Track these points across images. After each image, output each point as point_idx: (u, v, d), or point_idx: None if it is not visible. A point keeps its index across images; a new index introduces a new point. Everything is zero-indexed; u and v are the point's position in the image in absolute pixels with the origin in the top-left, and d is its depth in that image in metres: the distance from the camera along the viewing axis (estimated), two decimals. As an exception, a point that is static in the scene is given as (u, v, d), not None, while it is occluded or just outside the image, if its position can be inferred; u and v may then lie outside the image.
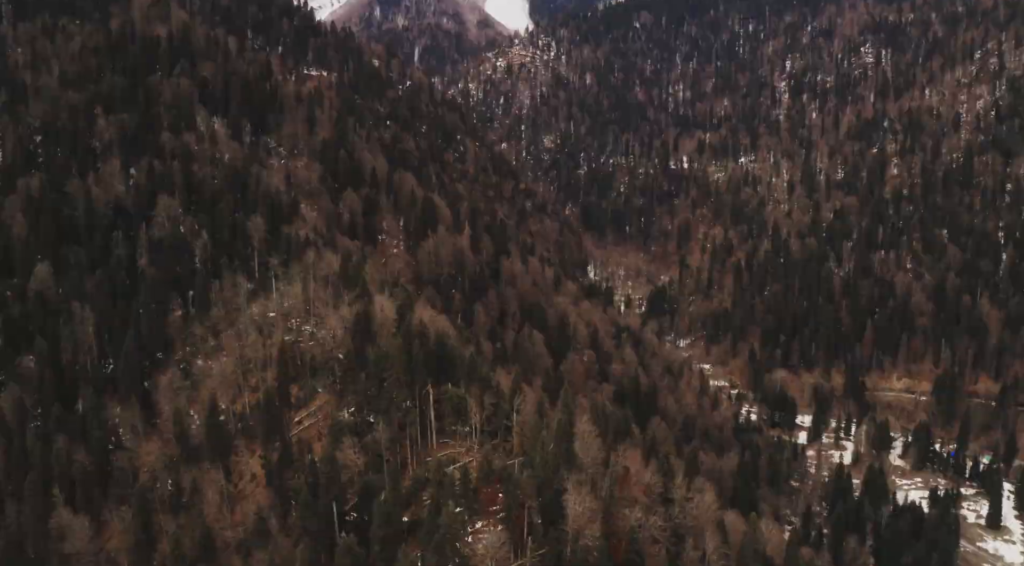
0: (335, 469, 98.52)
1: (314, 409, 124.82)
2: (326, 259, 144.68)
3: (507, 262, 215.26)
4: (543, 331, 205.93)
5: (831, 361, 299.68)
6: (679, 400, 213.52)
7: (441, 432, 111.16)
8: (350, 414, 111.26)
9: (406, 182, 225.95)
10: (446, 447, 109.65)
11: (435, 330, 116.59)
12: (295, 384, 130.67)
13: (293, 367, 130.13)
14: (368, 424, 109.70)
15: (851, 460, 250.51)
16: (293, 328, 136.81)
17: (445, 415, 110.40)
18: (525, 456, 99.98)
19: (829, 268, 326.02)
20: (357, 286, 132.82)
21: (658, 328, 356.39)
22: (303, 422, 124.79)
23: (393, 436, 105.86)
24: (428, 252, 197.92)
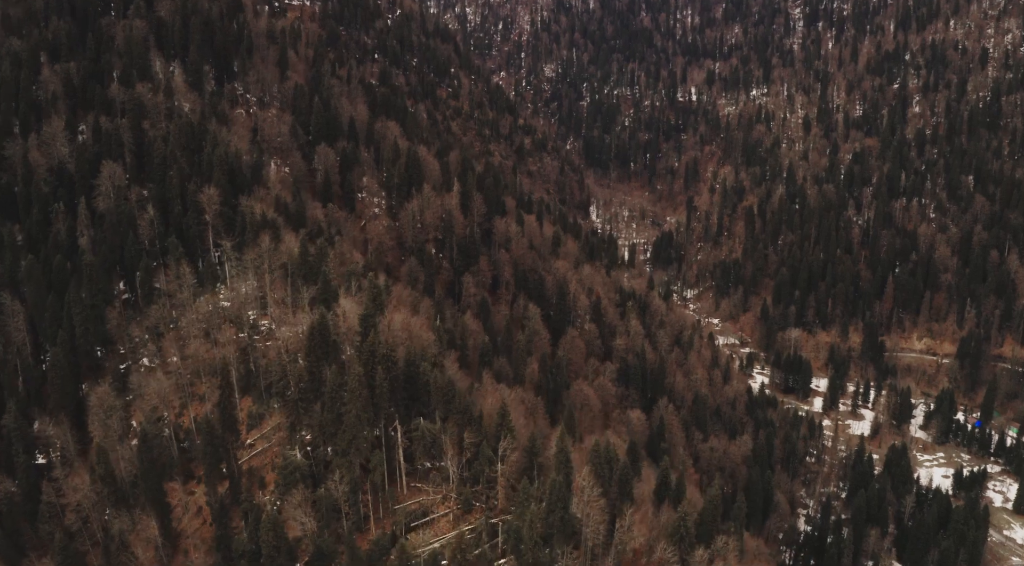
0: (281, 537, 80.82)
1: (268, 430, 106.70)
2: (285, 242, 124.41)
3: (500, 222, 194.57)
4: (540, 302, 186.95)
5: (848, 319, 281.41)
6: (689, 374, 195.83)
7: (413, 474, 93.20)
8: (304, 449, 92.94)
9: (389, 132, 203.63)
10: (417, 493, 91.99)
11: (406, 347, 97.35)
12: (248, 396, 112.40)
13: (246, 373, 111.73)
14: (325, 465, 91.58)
15: (869, 432, 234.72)
16: (249, 322, 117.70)
17: (417, 454, 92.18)
18: (511, 518, 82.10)
19: (848, 218, 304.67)
20: (318, 280, 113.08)
21: (665, 279, 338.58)
22: (256, 445, 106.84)
23: (354, 484, 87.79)
24: (412, 215, 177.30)
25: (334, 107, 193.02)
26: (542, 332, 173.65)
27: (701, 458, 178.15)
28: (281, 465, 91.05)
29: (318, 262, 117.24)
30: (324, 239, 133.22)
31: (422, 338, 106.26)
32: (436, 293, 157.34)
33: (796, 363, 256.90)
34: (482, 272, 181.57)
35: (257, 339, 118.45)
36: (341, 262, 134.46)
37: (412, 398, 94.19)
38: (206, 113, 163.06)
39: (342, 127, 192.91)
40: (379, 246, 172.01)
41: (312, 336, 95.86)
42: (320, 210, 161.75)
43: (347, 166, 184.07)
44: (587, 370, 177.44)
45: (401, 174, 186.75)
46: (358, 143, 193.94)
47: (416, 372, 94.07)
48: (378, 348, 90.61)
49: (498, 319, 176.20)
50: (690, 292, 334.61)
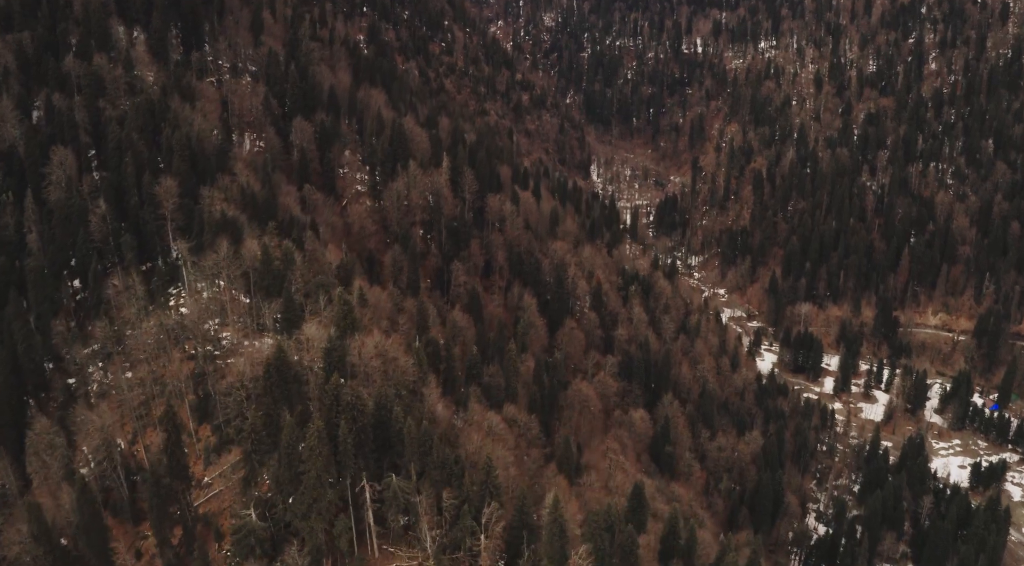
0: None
1: (228, 468, 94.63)
2: (248, 246, 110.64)
3: (494, 199, 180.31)
4: (536, 286, 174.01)
5: (861, 292, 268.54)
6: (696, 363, 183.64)
7: (385, 535, 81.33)
8: (262, 507, 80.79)
9: (373, 101, 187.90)
10: (390, 558, 79.98)
11: (377, 388, 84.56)
12: (207, 423, 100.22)
13: (205, 397, 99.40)
14: (285, 526, 79.62)
15: (883, 417, 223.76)
16: (209, 336, 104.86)
17: (388, 515, 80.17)
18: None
19: (862, 184, 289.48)
20: (280, 293, 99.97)
21: (669, 245, 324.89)
22: (214, 485, 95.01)
23: (316, 552, 75.97)
24: (396, 196, 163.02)
25: (312, 75, 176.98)
26: (538, 325, 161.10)
27: (708, 457, 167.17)
28: (233, 529, 79.06)
29: (283, 271, 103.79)
30: (293, 239, 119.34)
31: (399, 364, 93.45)
32: (420, 293, 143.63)
33: (807, 341, 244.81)
34: (473, 257, 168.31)
35: (218, 356, 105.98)
36: (313, 264, 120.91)
37: (383, 447, 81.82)
38: (168, 88, 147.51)
39: (321, 97, 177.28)
40: (360, 231, 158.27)
41: (269, 375, 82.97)
42: (294, 196, 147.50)
43: (326, 141, 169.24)
44: (587, 364, 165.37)
45: (385, 149, 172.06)
46: (339, 115, 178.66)
47: (388, 417, 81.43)
48: (343, 395, 77.79)
49: (491, 309, 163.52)
50: (695, 259, 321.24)
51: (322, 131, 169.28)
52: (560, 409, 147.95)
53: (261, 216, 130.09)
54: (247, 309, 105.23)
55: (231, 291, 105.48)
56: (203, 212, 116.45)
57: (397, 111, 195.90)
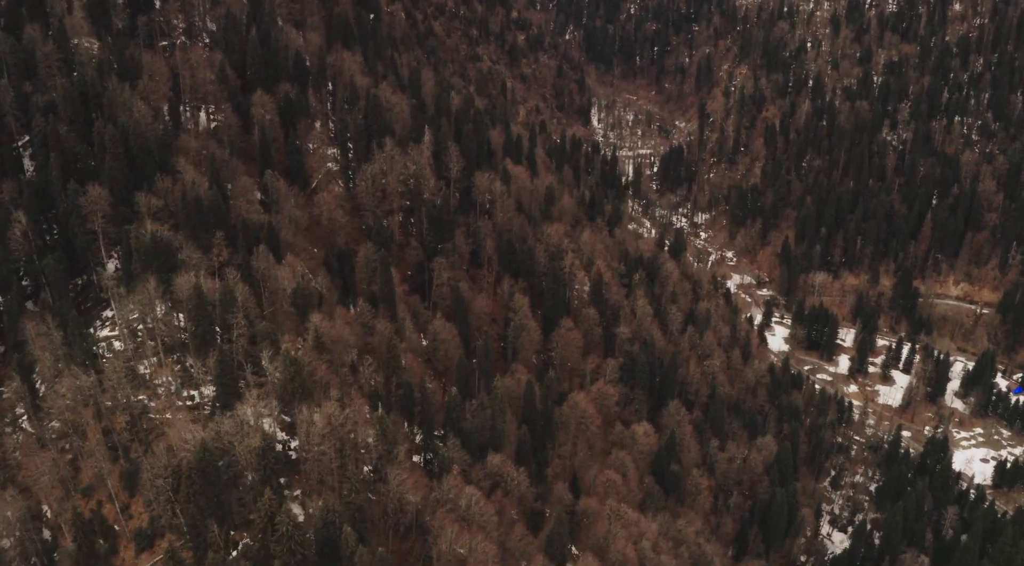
0: None
1: (162, 557, 79.54)
2: (181, 281, 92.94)
3: (482, 178, 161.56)
4: (529, 278, 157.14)
5: (879, 259, 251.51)
6: (705, 358, 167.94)
7: None
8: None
9: (346, 67, 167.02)
10: None
11: (325, 502, 68.62)
12: (139, 494, 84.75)
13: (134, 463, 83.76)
14: None
15: (901, 402, 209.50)
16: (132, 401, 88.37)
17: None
18: None
19: (882, 141, 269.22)
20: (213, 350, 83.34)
21: (674, 201, 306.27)
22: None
23: None
24: (370, 181, 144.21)
25: (276, 39, 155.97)
26: (530, 327, 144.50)
27: (717, 469, 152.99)
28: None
29: (223, 316, 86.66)
30: (239, 264, 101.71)
31: (358, 437, 77.40)
32: (394, 305, 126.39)
33: (821, 317, 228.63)
34: (459, 248, 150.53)
35: (153, 408, 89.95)
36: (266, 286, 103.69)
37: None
38: (106, 65, 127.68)
39: (286, 64, 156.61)
40: (330, 223, 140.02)
41: (191, 481, 66.89)
42: (252, 189, 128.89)
43: (291, 117, 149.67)
44: (585, 367, 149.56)
45: (358, 124, 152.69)
46: (306, 85, 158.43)
47: (334, 536, 65.69)
48: (280, 523, 61.89)
49: (479, 305, 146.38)
50: (702, 216, 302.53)
51: (286, 105, 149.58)
52: (555, 427, 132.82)
53: (208, 224, 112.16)
54: (178, 365, 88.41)
55: (160, 342, 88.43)
56: (131, 236, 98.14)
57: (373, 76, 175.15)
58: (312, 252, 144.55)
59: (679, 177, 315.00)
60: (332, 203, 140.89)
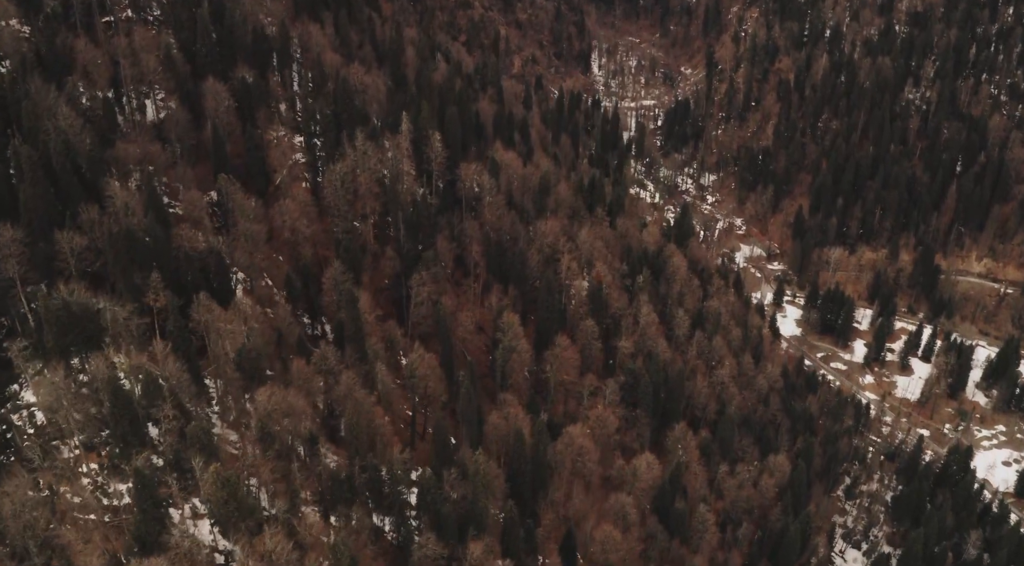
0: None
1: None
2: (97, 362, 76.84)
3: (468, 170, 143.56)
4: (520, 286, 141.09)
5: (898, 232, 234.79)
6: (714, 366, 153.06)
7: None
8: None
9: (314, 42, 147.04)
10: None
11: None
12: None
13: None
14: None
15: (919, 396, 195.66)
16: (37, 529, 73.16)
17: None
18: None
19: (905, 101, 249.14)
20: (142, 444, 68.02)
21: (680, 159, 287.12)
22: None
23: None
24: (341, 180, 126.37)
25: (232, 13, 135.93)
26: (523, 348, 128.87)
27: (726, 497, 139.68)
28: None
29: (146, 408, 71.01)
30: (172, 331, 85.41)
31: None
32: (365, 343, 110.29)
33: (837, 299, 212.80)
34: (441, 256, 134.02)
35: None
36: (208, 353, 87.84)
37: None
38: (28, 64, 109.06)
39: (244, 42, 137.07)
40: (294, 236, 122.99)
41: None
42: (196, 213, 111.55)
43: (250, 106, 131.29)
44: (583, 387, 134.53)
45: (326, 114, 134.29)
46: (266, 67, 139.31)
47: None
48: None
49: (463, 320, 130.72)
50: (709, 178, 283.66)
51: (244, 92, 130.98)
52: (547, 473, 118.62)
53: (144, 261, 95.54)
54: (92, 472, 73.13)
55: (75, 437, 73.01)
56: (40, 302, 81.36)
57: (346, 48, 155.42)
58: (276, 262, 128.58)
59: (685, 134, 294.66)
60: (295, 211, 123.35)
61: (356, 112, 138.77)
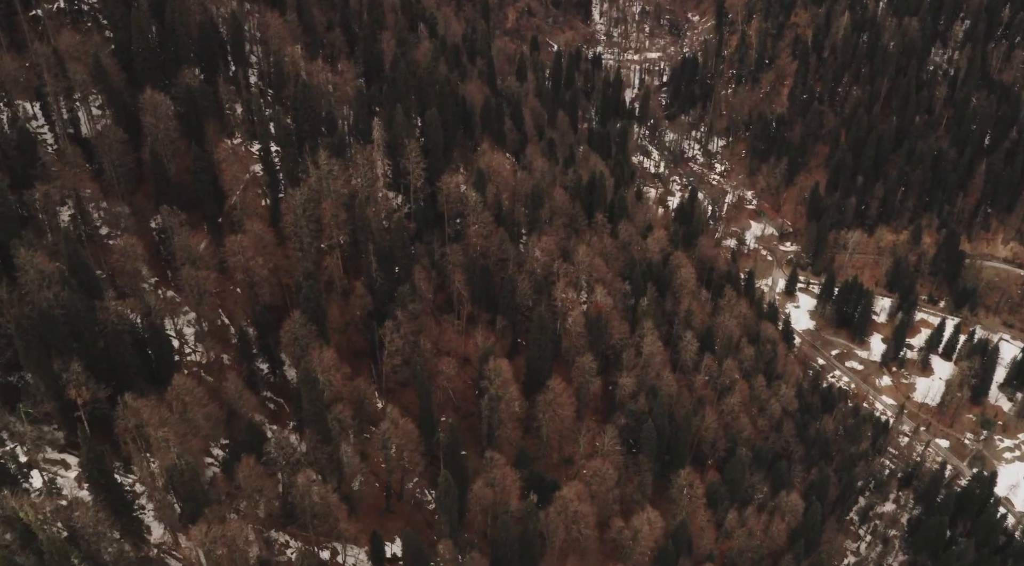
0: None
1: None
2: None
3: (450, 180, 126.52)
4: (510, 316, 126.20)
5: (920, 211, 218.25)
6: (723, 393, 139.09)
7: None
8: None
9: (272, 34, 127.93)
10: None
11: None
12: None
13: None
14: None
15: (939, 400, 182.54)
16: None
17: None
18: None
19: (932, 67, 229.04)
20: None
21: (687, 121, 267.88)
22: None
23: None
24: (302, 207, 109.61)
25: (175, 7, 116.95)
26: (511, 394, 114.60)
27: (734, 548, 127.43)
28: None
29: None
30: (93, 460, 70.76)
31: None
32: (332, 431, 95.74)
33: (855, 293, 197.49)
34: (420, 289, 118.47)
35: None
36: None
37: None
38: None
39: (189, 40, 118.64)
40: (248, 278, 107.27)
41: None
42: (131, 265, 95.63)
43: (197, 118, 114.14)
44: (579, 435, 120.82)
45: (284, 127, 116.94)
46: (216, 68, 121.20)
47: None
48: None
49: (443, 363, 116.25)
50: (718, 143, 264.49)
51: (189, 101, 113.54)
52: (540, 540, 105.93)
53: (65, 345, 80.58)
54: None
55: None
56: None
57: (311, 38, 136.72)
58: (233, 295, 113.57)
59: (692, 95, 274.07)
60: (250, 247, 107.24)
61: (319, 121, 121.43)
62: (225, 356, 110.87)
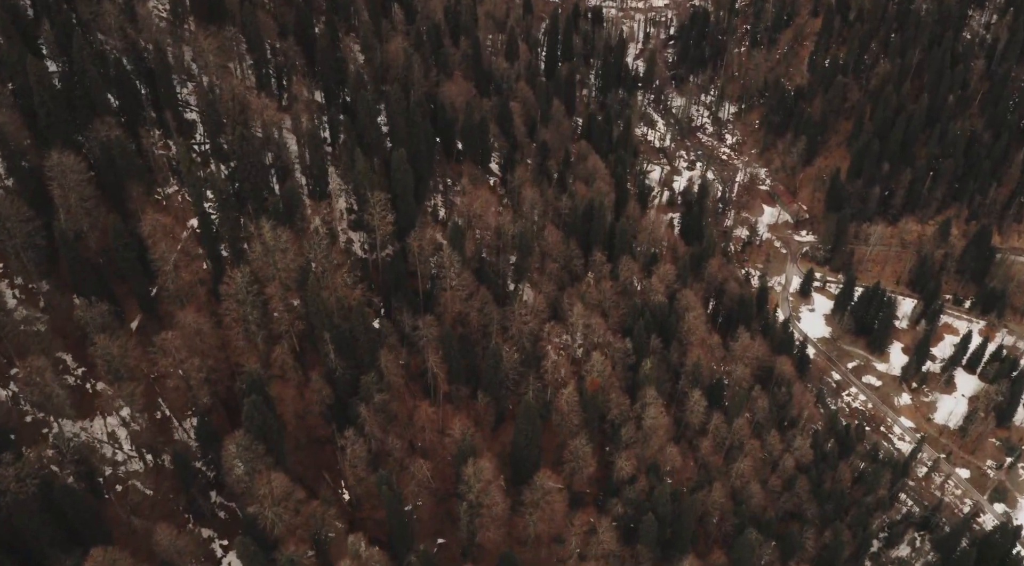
0: None
1: None
2: None
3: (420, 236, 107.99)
4: (493, 393, 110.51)
5: (949, 200, 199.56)
6: (734, 455, 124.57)
7: None
8: None
9: (209, 62, 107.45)
10: None
11: None
12: None
13: None
14: None
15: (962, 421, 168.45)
16: None
17: None
18: None
19: (971, 38, 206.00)
20: None
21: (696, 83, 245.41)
22: None
23: None
24: (244, 288, 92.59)
25: (84, 43, 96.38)
26: (495, 498, 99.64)
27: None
28: None
29: None
30: None
31: None
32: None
33: (876, 300, 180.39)
34: (387, 378, 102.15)
35: None
36: None
37: None
38: None
39: (103, 87, 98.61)
40: (181, 384, 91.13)
41: None
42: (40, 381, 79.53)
43: (116, 179, 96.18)
44: (571, 533, 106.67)
45: (219, 189, 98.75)
46: (139, 112, 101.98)
47: None
48: None
49: (416, 469, 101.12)
50: (729, 109, 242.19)
51: (106, 159, 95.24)
52: None
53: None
54: None
55: None
56: None
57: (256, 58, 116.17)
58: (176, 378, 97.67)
59: (702, 56, 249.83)
60: (183, 347, 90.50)
61: (263, 173, 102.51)
62: (167, 457, 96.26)
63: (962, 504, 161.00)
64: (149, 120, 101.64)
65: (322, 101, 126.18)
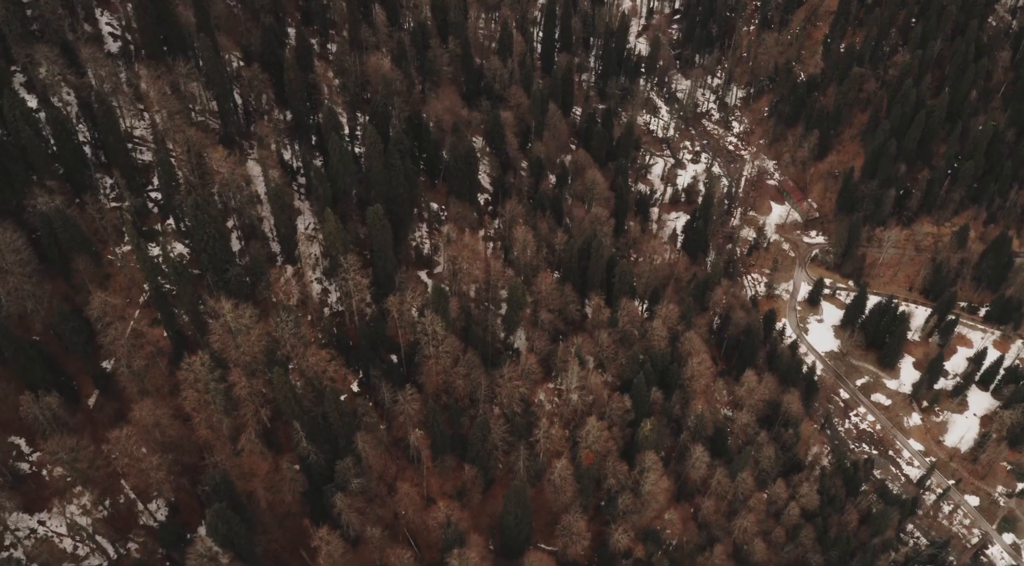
0: None
1: None
2: None
3: (400, 300, 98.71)
4: (482, 464, 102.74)
5: (968, 202, 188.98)
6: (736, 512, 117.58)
7: None
8: None
9: (154, 101, 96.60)
10: None
11: None
12: None
13: None
14: None
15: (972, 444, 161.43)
16: None
17: None
18: None
19: (996, 24, 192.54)
20: None
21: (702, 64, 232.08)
22: None
23: None
24: (206, 373, 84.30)
25: (13, 106, 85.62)
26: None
27: None
28: None
29: None
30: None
31: None
32: None
33: (889, 315, 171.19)
34: (366, 463, 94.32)
35: None
36: None
37: None
38: None
39: (40, 147, 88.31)
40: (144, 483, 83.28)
41: None
42: None
43: (60, 253, 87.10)
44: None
45: (175, 265, 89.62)
46: (85, 175, 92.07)
47: None
48: None
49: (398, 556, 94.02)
50: (736, 94, 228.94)
51: (49, 237, 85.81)
52: None
53: None
54: None
55: None
56: None
57: (216, 93, 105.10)
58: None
59: (709, 35, 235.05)
60: (135, 442, 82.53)
61: (223, 242, 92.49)
62: (133, 545, 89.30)
63: (970, 534, 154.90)
64: (94, 182, 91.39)
65: (293, 125, 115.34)
